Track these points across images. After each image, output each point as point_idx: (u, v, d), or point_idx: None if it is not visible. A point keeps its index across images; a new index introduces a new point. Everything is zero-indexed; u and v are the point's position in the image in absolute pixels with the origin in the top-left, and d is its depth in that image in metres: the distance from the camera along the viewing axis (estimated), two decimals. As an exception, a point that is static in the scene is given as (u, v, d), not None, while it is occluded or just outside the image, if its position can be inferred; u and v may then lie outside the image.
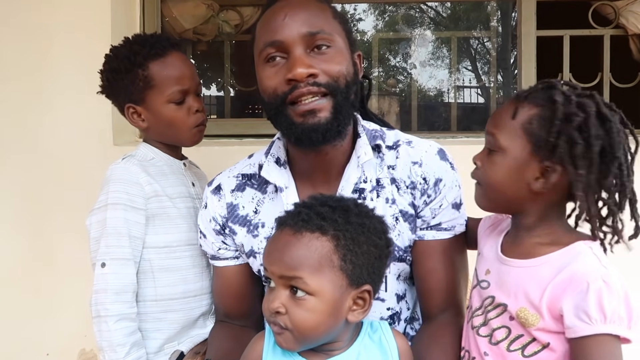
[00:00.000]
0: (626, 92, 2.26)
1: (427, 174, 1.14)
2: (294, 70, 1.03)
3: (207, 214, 1.24)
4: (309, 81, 1.04)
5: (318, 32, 1.06)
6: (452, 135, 2.23)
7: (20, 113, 2.08)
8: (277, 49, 1.06)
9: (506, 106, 0.99)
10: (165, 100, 1.31)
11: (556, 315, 0.90)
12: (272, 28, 1.07)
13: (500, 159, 0.96)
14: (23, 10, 2.07)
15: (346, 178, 1.14)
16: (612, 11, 2.27)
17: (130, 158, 1.32)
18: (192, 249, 1.32)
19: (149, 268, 1.28)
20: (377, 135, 1.17)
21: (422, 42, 4.46)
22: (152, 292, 1.28)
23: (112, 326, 1.18)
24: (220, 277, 1.28)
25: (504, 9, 4.09)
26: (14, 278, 2.10)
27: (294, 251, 0.89)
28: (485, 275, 1.04)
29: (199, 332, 1.35)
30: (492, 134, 0.98)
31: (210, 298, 1.36)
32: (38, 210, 2.09)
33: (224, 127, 2.28)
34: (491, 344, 0.98)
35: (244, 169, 1.25)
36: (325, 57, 1.06)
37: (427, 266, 1.17)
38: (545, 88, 0.96)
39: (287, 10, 1.07)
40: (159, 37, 1.37)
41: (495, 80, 2.76)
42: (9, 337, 2.11)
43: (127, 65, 1.30)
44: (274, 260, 0.91)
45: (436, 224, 1.16)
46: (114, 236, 1.22)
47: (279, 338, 0.92)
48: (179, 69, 1.33)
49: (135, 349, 1.21)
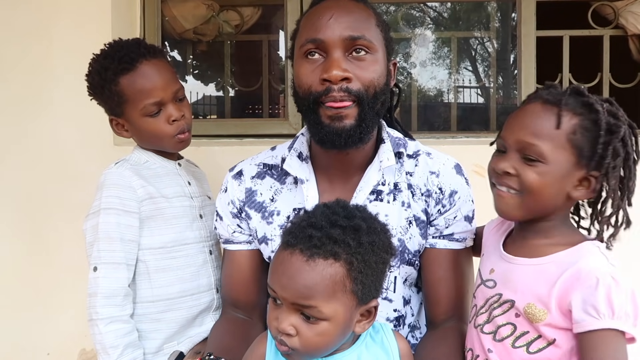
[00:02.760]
0: (626, 92, 2.26)
1: (444, 185, 1.18)
2: (330, 71, 1.06)
3: (226, 197, 1.28)
4: (342, 85, 1.07)
5: (360, 37, 1.09)
6: (452, 135, 2.23)
7: (20, 113, 2.08)
8: (317, 47, 1.09)
9: (541, 113, 0.96)
10: (140, 114, 1.30)
11: (564, 310, 0.91)
12: (316, 25, 1.10)
13: (545, 168, 0.95)
14: (23, 10, 2.07)
15: (366, 180, 1.17)
16: (612, 11, 2.28)
17: (123, 162, 1.33)
18: (188, 249, 1.33)
19: (145, 269, 1.29)
20: (401, 144, 1.22)
21: (422, 42, 4.46)
22: (149, 293, 1.29)
23: (103, 329, 1.20)
24: (232, 262, 1.30)
25: (503, 10, 4.08)
26: (14, 278, 2.10)
27: (308, 280, 0.87)
28: (490, 274, 1.05)
29: (198, 332, 1.35)
30: (533, 144, 0.95)
31: (209, 295, 1.37)
32: (38, 210, 2.09)
33: (224, 127, 2.28)
34: (496, 340, 0.99)
35: (266, 159, 1.29)
36: (362, 63, 1.09)
37: (437, 274, 1.20)
38: (575, 94, 0.97)
39: (335, 11, 1.10)
40: (129, 47, 1.31)
41: (495, 81, 2.75)
42: (9, 337, 2.11)
43: (100, 82, 1.30)
44: (285, 287, 0.89)
45: (449, 233, 1.19)
46: (105, 241, 1.24)
47: (285, 355, 0.92)
48: (150, 80, 1.28)
49: (130, 350, 1.22)
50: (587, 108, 0.95)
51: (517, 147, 0.97)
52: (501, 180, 0.99)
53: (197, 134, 2.26)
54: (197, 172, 1.49)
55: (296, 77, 1.14)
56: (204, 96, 4.54)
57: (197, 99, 4.52)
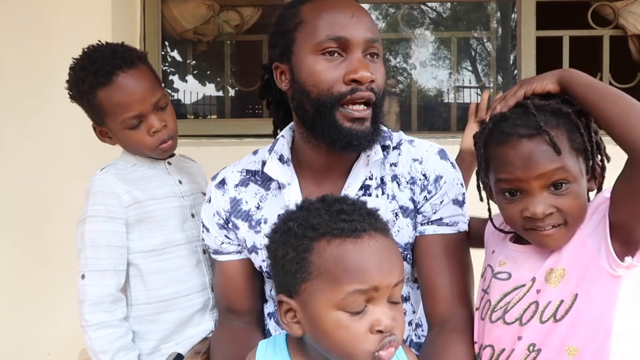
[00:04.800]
0: (626, 92, 2.26)
1: (427, 171, 1.15)
2: (360, 72, 1.04)
3: (211, 208, 1.24)
4: (369, 86, 1.05)
5: (377, 40, 1.08)
6: (452, 135, 2.24)
7: (20, 113, 2.08)
8: (340, 46, 1.05)
9: (538, 144, 0.94)
10: (120, 127, 1.27)
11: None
12: (338, 23, 1.05)
13: (574, 187, 0.95)
14: (23, 10, 2.07)
15: (354, 176, 1.15)
16: (612, 12, 2.28)
17: (109, 168, 1.32)
18: (180, 249, 1.32)
19: (137, 272, 1.29)
20: (386, 136, 1.19)
21: (422, 42, 4.46)
22: (143, 295, 1.29)
23: (92, 335, 1.22)
24: (223, 272, 1.27)
25: (503, 10, 4.09)
26: (14, 278, 2.10)
27: (397, 251, 0.89)
28: (500, 267, 1.05)
29: (196, 331, 1.35)
30: (559, 168, 0.93)
31: (204, 295, 1.36)
32: (38, 210, 2.09)
33: (224, 127, 2.28)
34: (522, 325, 0.99)
35: (248, 165, 1.25)
36: (376, 66, 1.08)
37: (430, 262, 1.14)
38: (541, 108, 0.96)
39: (354, 10, 1.07)
40: (104, 58, 1.25)
41: (495, 81, 2.75)
42: (9, 337, 2.12)
43: (77, 94, 1.28)
44: (390, 270, 0.84)
45: (437, 218, 1.15)
46: (91, 248, 1.24)
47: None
48: (127, 94, 1.23)
49: (121, 353, 1.23)
50: (557, 113, 0.96)
51: (542, 183, 0.94)
52: (545, 222, 0.96)
53: (197, 134, 2.26)
54: (191, 167, 1.47)
55: (310, 75, 1.06)
56: (204, 96, 4.53)
57: (197, 99, 4.52)
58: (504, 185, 0.98)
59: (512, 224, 1.01)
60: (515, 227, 1.01)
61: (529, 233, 0.99)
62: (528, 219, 0.97)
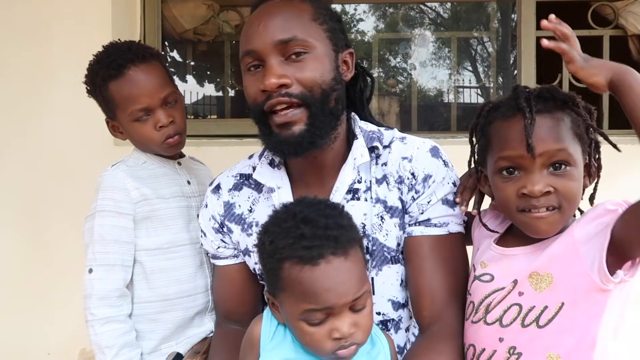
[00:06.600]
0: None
1: (416, 170, 1.12)
2: (265, 80, 1.04)
3: (207, 212, 1.26)
4: (281, 92, 1.04)
5: (291, 39, 1.04)
6: (452, 135, 2.24)
7: (20, 113, 2.08)
8: (254, 58, 1.07)
9: (547, 119, 0.95)
10: (129, 119, 1.29)
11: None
12: (249, 36, 1.07)
13: (573, 171, 0.95)
14: (23, 10, 2.07)
15: (341, 180, 1.13)
16: (612, 12, 2.28)
17: (120, 164, 1.33)
18: (184, 250, 1.33)
19: (142, 270, 1.29)
20: (375, 137, 1.16)
21: (422, 42, 4.47)
22: (147, 293, 1.30)
23: (99, 330, 1.22)
24: (221, 277, 1.28)
25: (503, 10, 4.09)
26: (15, 278, 2.11)
27: (354, 272, 0.92)
28: (483, 268, 1.05)
29: (196, 332, 1.35)
30: (562, 149, 0.94)
31: (205, 297, 1.36)
32: (38, 210, 2.09)
33: (224, 127, 2.28)
34: (503, 326, 0.98)
35: (242, 169, 1.26)
36: (300, 64, 1.05)
37: (416, 266, 1.10)
38: (543, 93, 0.99)
39: (264, 18, 1.06)
40: (118, 52, 1.29)
41: (495, 81, 2.76)
42: (10, 337, 2.12)
43: (91, 87, 1.32)
44: (344, 293, 0.90)
45: (425, 219, 1.11)
46: (99, 243, 1.25)
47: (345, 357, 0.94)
48: (137, 87, 1.27)
49: (126, 349, 1.23)
50: (567, 101, 0.98)
51: (544, 161, 0.94)
52: (540, 202, 0.94)
53: (197, 134, 2.26)
54: (200, 169, 1.48)
55: (244, 90, 1.12)
56: (204, 96, 4.53)
57: (197, 99, 4.52)
58: (504, 163, 0.98)
59: (506, 206, 1.00)
60: (509, 209, 0.99)
61: (521, 215, 0.97)
62: (524, 197, 0.95)
